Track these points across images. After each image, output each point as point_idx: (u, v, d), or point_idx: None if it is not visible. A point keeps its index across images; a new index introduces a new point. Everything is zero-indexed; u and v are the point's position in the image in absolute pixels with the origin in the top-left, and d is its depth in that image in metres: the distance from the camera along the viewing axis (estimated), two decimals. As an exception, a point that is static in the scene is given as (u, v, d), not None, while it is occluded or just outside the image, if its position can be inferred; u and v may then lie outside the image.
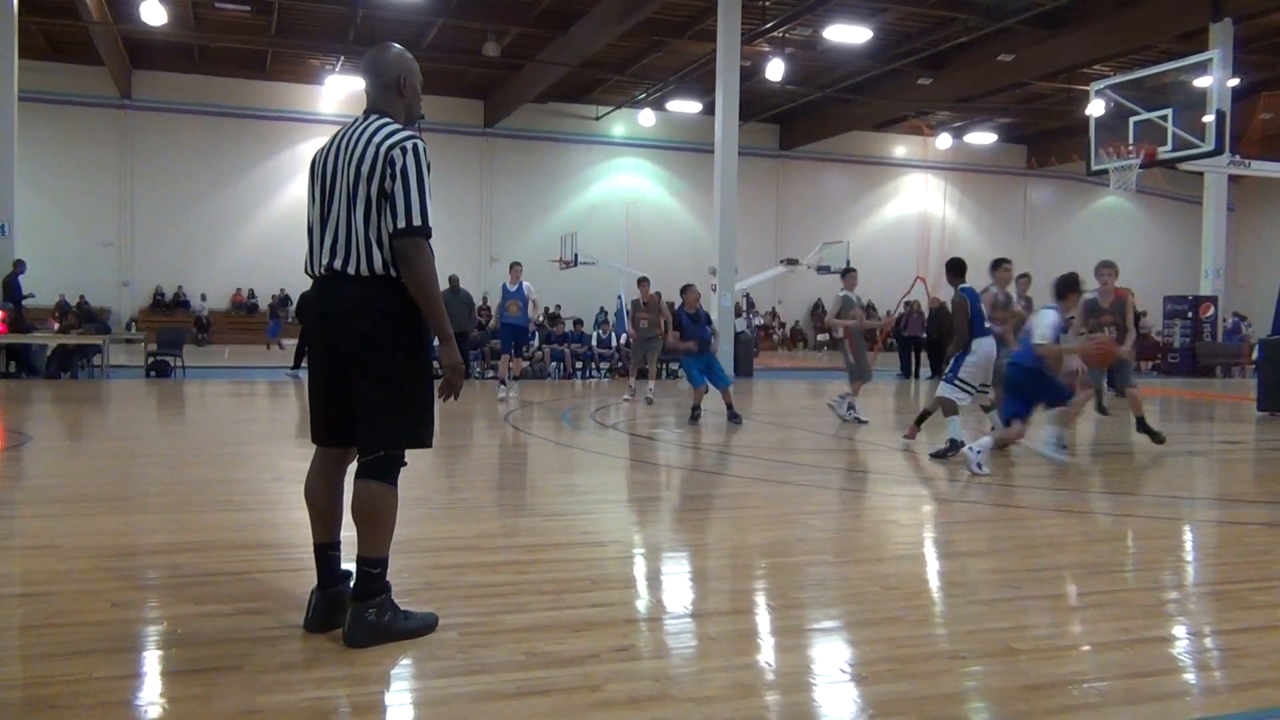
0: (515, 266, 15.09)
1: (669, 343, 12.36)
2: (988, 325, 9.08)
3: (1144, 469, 8.91)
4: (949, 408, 8.91)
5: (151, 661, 3.50)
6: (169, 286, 34.66)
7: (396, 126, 3.63)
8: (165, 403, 14.27)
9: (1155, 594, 4.64)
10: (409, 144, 3.53)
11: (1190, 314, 25.88)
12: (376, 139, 3.55)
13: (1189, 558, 5.65)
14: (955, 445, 8.64)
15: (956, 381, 8.90)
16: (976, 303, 9.01)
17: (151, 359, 18.40)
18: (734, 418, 11.61)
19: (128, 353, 21.68)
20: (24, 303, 18.35)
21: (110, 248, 33.63)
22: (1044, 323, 7.94)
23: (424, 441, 3.70)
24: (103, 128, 33.25)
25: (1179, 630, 4.10)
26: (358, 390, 3.59)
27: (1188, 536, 6.17)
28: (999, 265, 10.32)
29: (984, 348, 8.90)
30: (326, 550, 3.79)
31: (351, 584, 3.66)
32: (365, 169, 3.52)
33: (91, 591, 4.23)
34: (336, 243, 3.58)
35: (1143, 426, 9.86)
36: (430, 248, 3.54)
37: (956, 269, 9.30)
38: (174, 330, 20.27)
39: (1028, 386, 8.02)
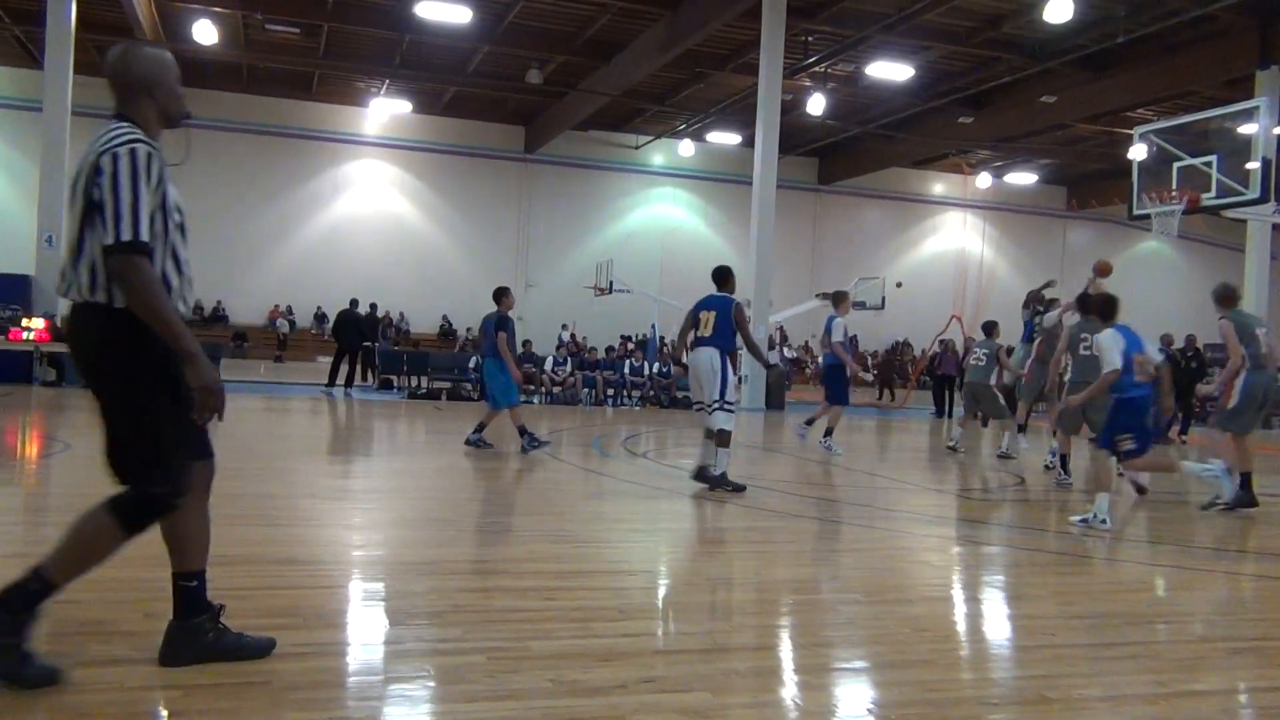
0: (847, 297, 13.07)
1: (502, 347, 10.58)
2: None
3: (1182, 519, 8.78)
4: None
5: (180, 674, 3.51)
6: (208, 301, 35.11)
7: (122, 130, 3.19)
8: (201, 416, 14.39)
9: (1191, 647, 4.56)
10: (124, 148, 3.11)
11: (1231, 362, 25.48)
12: (96, 145, 3.17)
13: (1226, 611, 5.55)
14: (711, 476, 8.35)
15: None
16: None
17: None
18: (480, 441, 10.65)
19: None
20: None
21: (152, 262, 34.15)
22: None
23: (155, 487, 3.25)
24: (151, 143, 33.81)
25: (1214, 685, 4.02)
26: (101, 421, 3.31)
27: (1225, 589, 6.06)
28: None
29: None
30: (176, 579, 3.56)
31: (211, 612, 3.54)
32: (81, 181, 3.16)
33: (124, 601, 4.27)
34: (65, 264, 3.24)
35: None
36: (148, 265, 3.10)
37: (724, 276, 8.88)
38: (211, 345, 20.51)
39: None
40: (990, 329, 12.77)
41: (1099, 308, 8.31)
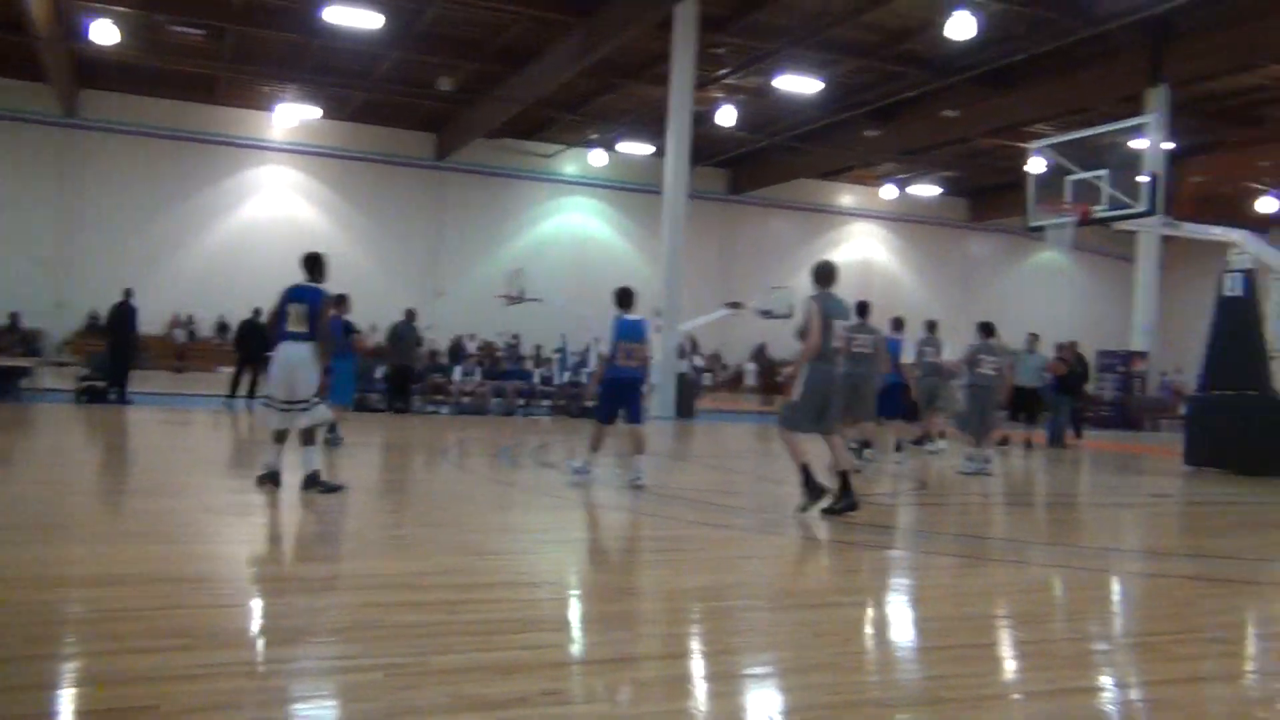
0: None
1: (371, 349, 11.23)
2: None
3: (1073, 520, 9.06)
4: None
5: (65, 701, 3.39)
6: (105, 309, 33.91)
7: None
8: (96, 429, 13.93)
9: (1082, 644, 4.71)
10: None
11: (1122, 368, 26.50)
12: None
13: (1115, 609, 5.74)
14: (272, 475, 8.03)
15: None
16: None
17: (84, 384, 17.96)
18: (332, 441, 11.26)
19: (58, 377, 21.18)
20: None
21: (45, 267, 32.88)
22: None
23: None
24: (44, 145, 32.63)
25: (1105, 681, 4.16)
26: None
27: (1114, 588, 6.27)
28: None
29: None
30: None
31: None
32: None
33: (7, 625, 4.10)
34: None
35: None
36: None
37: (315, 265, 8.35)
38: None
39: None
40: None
41: (617, 296, 9.40)
